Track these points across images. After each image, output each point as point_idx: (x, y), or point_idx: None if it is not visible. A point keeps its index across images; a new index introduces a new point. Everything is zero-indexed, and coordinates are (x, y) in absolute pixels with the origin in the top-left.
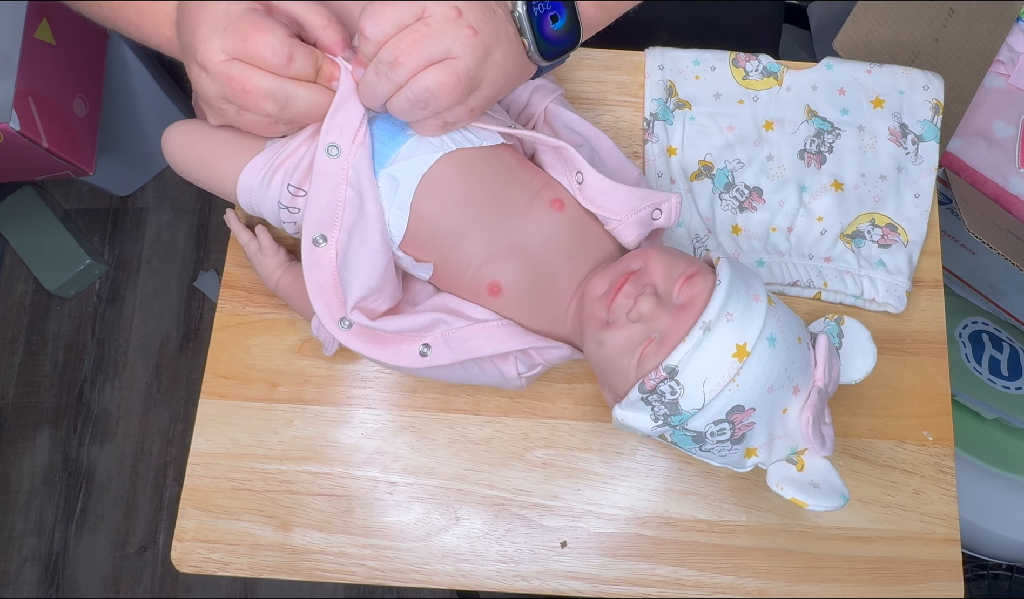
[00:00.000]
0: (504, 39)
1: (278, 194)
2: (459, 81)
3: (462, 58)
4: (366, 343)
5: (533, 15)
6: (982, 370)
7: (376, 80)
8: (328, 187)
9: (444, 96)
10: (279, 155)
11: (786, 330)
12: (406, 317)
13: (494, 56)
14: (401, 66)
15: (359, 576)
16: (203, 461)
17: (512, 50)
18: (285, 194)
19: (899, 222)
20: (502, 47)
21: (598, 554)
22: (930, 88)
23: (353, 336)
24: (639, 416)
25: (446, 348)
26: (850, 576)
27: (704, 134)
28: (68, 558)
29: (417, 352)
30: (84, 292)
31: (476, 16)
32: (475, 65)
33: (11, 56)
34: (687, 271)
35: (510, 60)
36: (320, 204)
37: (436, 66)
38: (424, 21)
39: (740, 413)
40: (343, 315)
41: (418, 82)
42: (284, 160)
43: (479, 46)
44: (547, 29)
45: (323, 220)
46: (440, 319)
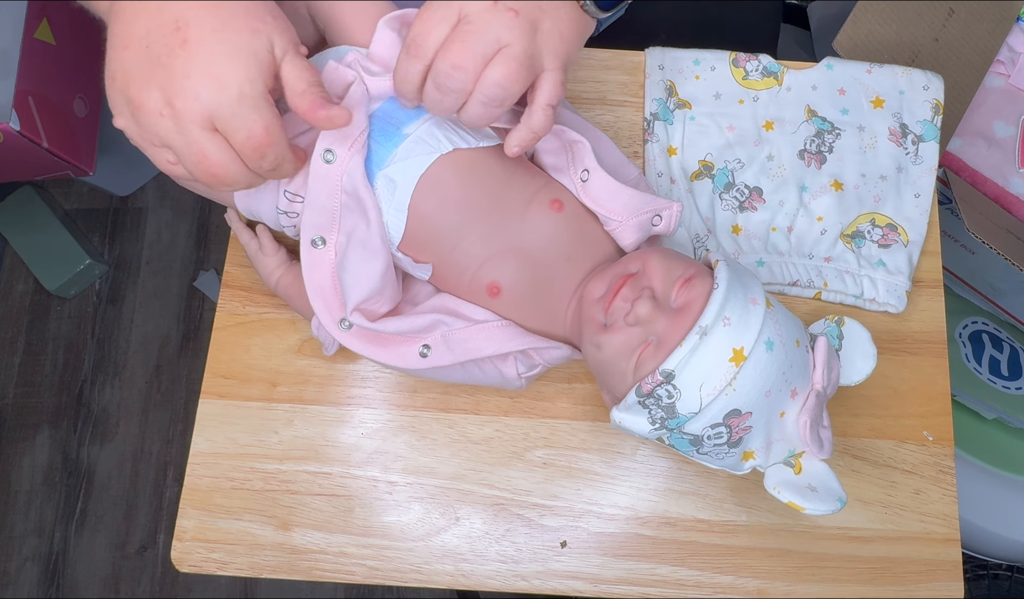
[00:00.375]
0: (547, 8)
1: (275, 200)
2: (520, 65)
3: (513, 41)
4: (366, 344)
5: None
6: (982, 370)
7: (440, 95)
8: (324, 191)
9: (513, 85)
10: None
11: (784, 334)
12: (406, 319)
13: (543, 27)
14: (461, 70)
15: (359, 576)
16: (203, 461)
17: (562, 17)
18: (283, 200)
19: (899, 222)
20: (548, 16)
21: (598, 554)
22: (930, 88)
23: (353, 337)
24: (636, 419)
25: (446, 349)
26: (850, 576)
27: (704, 134)
28: (68, 558)
29: (417, 353)
30: (84, 292)
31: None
32: (528, 43)
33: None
34: (685, 274)
35: (563, 24)
36: (317, 208)
37: (494, 61)
38: (465, 21)
39: (737, 417)
40: (343, 316)
41: (485, 83)
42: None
43: (524, 24)
44: None
45: (321, 223)
46: (440, 320)
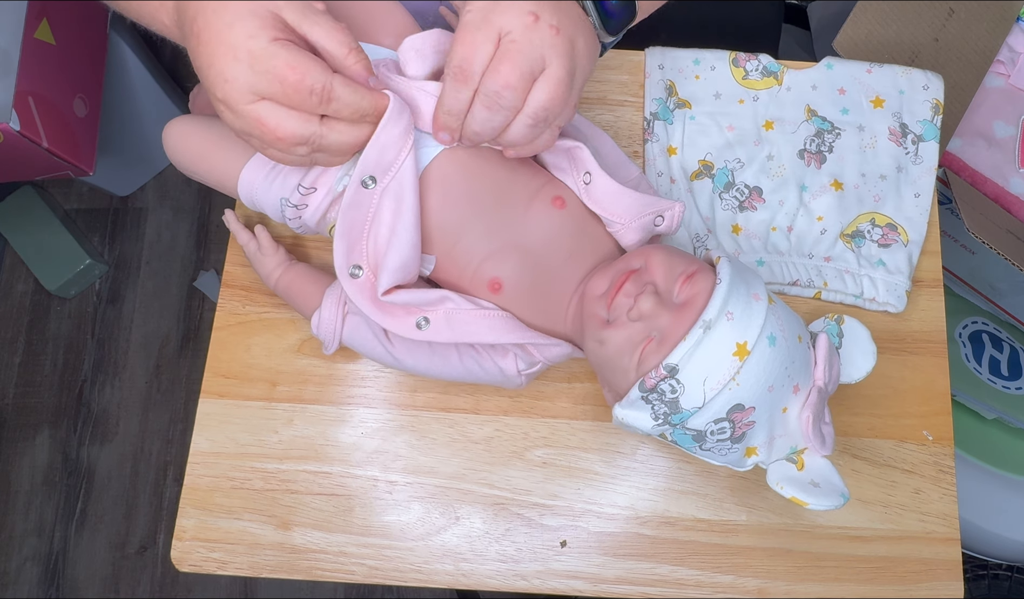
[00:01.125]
0: (580, 24)
1: (288, 193)
2: (565, 85)
3: (556, 60)
4: (367, 301)
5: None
6: (982, 370)
7: (489, 114)
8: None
9: (558, 106)
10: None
11: (786, 329)
12: (415, 291)
13: (578, 45)
14: (510, 89)
15: (359, 575)
16: (203, 460)
17: (588, 32)
18: (295, 194)
19: (899, 222)
20: (582, 33)
21: (598, 553)
22: (930, 88)
23: (357, 288)
24: (639, 415)
25: (446, 325)
26: (850, 575)
27: (704, 134)
28: (68, 558)
29: (414, 323)
30: (84, 292)
31: (551, 14)
32: (569, 62)
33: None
34: (688, 270)
35: (590, 42)
36: (380, 146)
37: (539, 82)
38: (508, 40)
39: (740, 412)
40: (359, 262)
41: (532, 105)
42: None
43: (565, 42)
44: (608, 5)
45: (381, 162)
46: (447, 296)
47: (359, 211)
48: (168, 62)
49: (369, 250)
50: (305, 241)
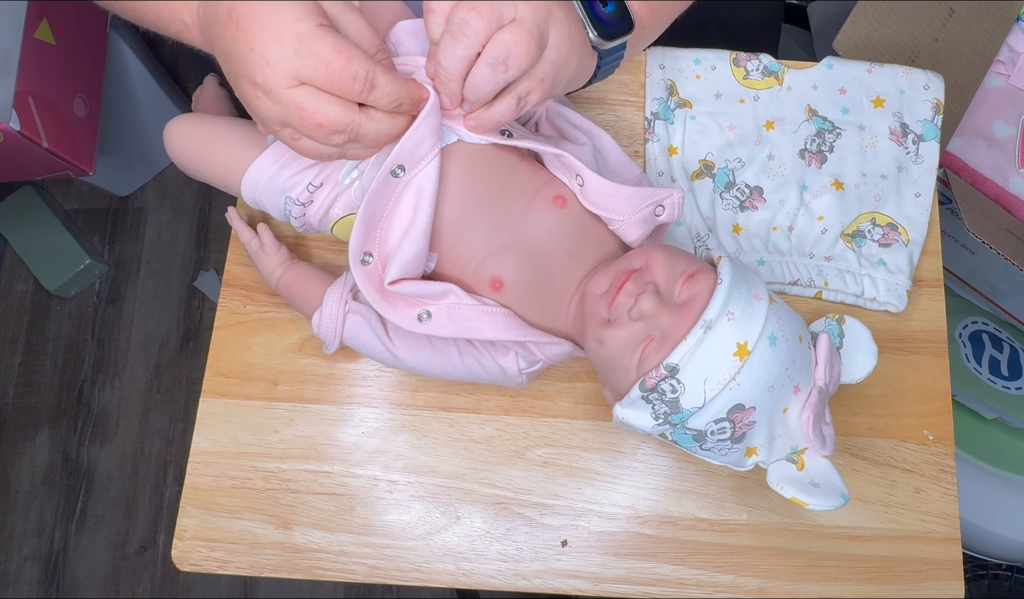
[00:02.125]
0: (563, 4)
1: (296, 192)
2: (531, 36)
3: (528, 15)
4: (373, 289)
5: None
6: (982, 370)
7: (453, 43)
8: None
9: (522, 54)
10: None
11: (787, 329)
12: (420, 283)
13: (556, 14)
14: (476, 20)
15: (359, 575)
16: (204, 459)
17: (571, 17)
18: (304, 193)
19: (900, 221)
20: (561, 9)
21: (599, 553)
22: (930, 88)
23: (366, 275)
24: (640, 414)
25: (448, 319)
26: (850, 575)
27: (705, 133)
28: (68, 558)
29: (416, 316)
30: (84, 292)
31: None
32: (541, 20)
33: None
34: (689, 270)
35: (572, 24)
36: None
37: (507, 27)
38: None
39: (741, 412)
40: (370, 250)
41: (495, 41)
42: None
43: (540, 5)
44: (599, 11)
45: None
46: (451, 290)
47: (381, 200)
48: (168, 62)
49: (380, 239)
50: (307, 241)
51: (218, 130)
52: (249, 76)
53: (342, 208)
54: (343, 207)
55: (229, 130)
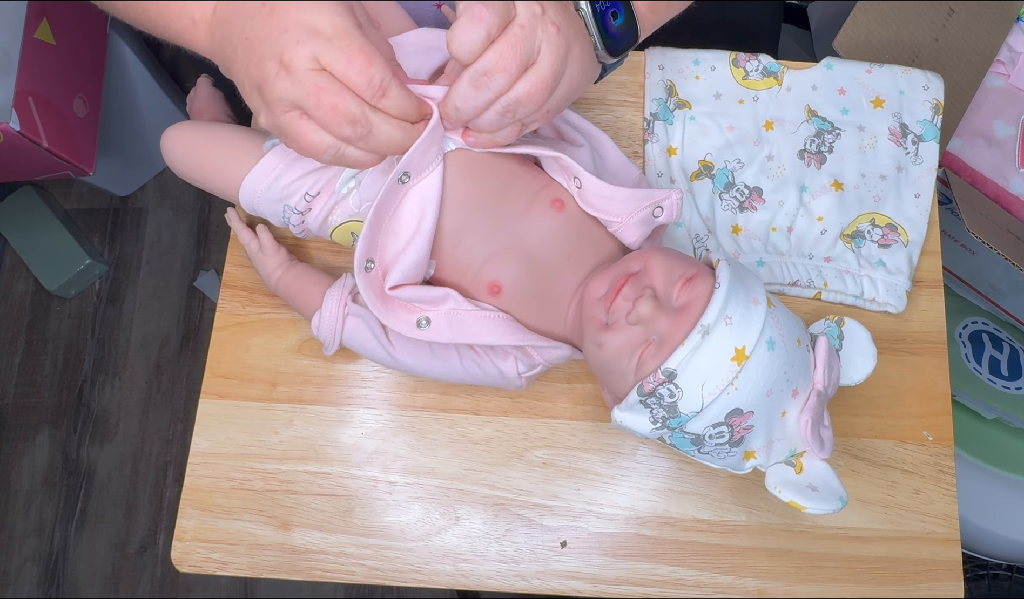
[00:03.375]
0: (580, 34)
1: (293, 201)
2: (547, 85)
3: (547, 58)
4: (375, 295)
5: (597, 12)
6: (982, 370)
7: (473, 92)
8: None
9: (533, 104)
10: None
11: (785, 333)
12: (419, 288)
13: (573, 51)
14: (502, 73)
15: (359, 576)
16: (203, 461)
17: (586, 47)
18: (301, 202)
19: (899, 222)
20: (579, 42)
21: (598, 554)
22: (930, 88)
23: (368, 282)
24: (638, 418)
25: (447, 325)
26: (850, 576)
27: (704, 134)
28: (68, 558)
29: (415, 322)
30: (84, 292)
31: (556, 12)
32: (559, 64)
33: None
34: (687, 273)
35: (586, 57)
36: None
37: (527, 74)
38: (518, 24)
39: (738, 416)
40: (371, 257)
41: (513, 90)
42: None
43: (562, 43)
44: (609, 25)
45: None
46: (450, 295)
47: (387, 207)
48: (168, 62)
49: (382, 245)
50: (306, 242)
51: (215, 138)
52: (278, 55)
53: (340, 216)
54: (341, 215)
55: (227, 138)
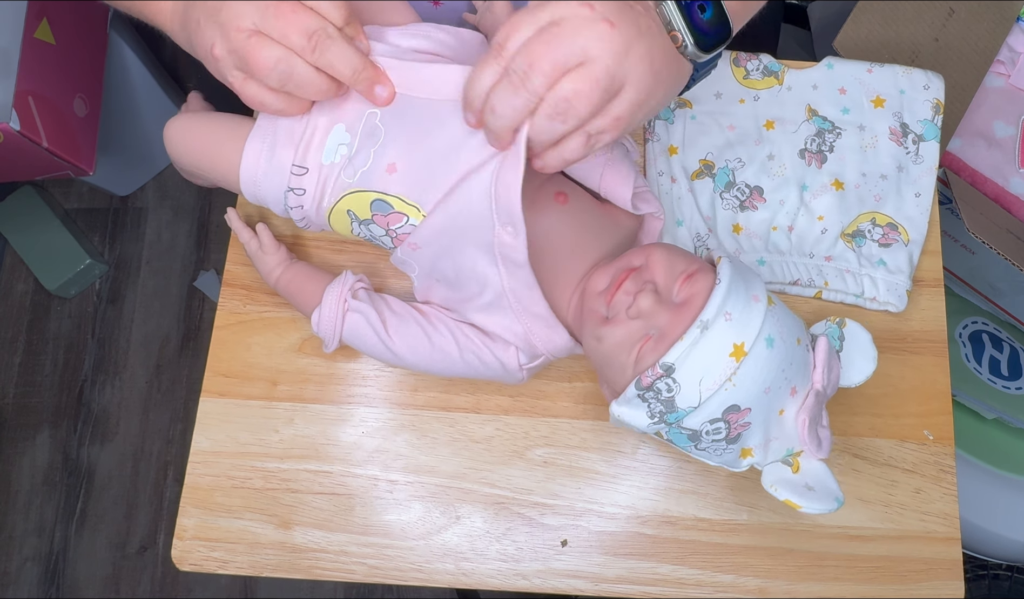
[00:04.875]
0: (646, 33)
1: (283, 180)
2: (597, 83)
3: (599, 57)
4: None
5: (682, 4)
6: (982, 370)
7: (512, 93)
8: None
9: (582, 104)
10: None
11: (785, 331)
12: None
13: (636, 50)
14: (536, 72)
15: (359, 574)
16: (204, 459)
17: (657, 46)
18: (292, 177)
19: (900, 221)
20: (644, 41)
21: (599, 553)
22: (931, 88)
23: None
24: (635, 413)
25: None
26: (850, 575)
27: (705, 133)
28: (68, 558)
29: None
30: (84, 292)
31: (610, 8)
32: (614, 62)
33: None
34: (688, 269)
35: (656, 56)
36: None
37: (572, 73)
38: (555, 23)
39: (736, 413)
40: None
41: (554, 94)
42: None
43: (617, 39)
44: (697, 19)
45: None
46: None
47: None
48: (168, 62)
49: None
50: (306, 240)
51: (217, 126)
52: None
53: (333, 195)
54: (335, 192)
55: (226, 124)
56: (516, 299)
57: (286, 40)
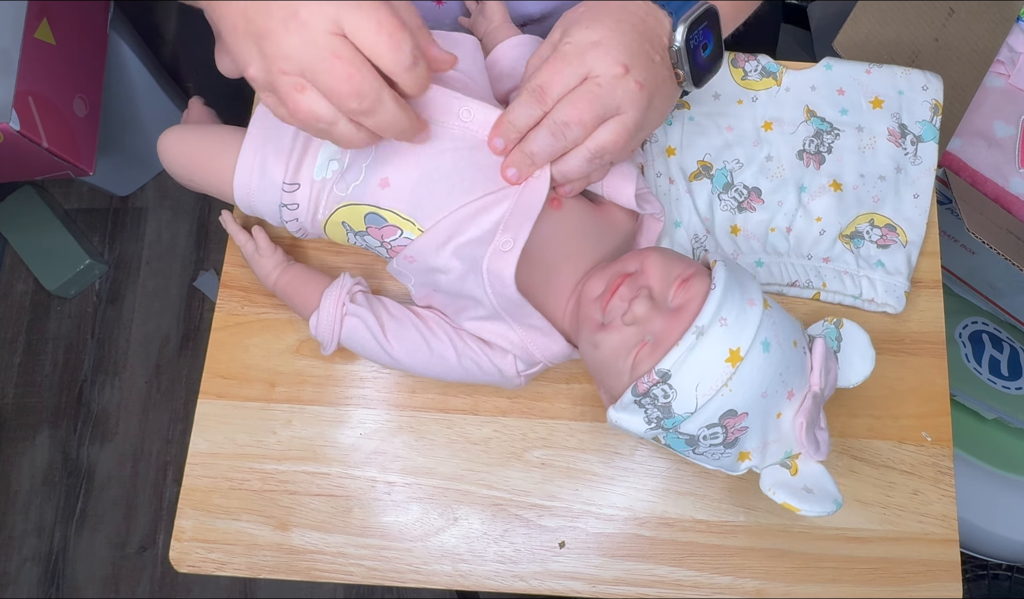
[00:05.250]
0: (663, 84)
1: (277, 196)
2: (630, 133)
3: (631, 111)
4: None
5: (691, 47)
6: (982, 370)
7: (551, 140)
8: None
9: (618, 150)
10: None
11: (781, 335)
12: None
13: (655, 103)
14: (580, 125)
15: (357, 576)
16: (201, 461)
17: (668, 91)
18: (284, 194)
19: (898, 222)
20: (661, 93)
21: (596, 554)
22: (929, 88)
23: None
24: (632, 418)
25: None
26: (849, 576)
27: (703, 134)
28: (68, 558)
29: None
30: (84, 292)
31: (640, 70)
32: (641, 116)
33: (11, 56)
34: (683, 274)
35: (666, 101)
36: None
37: (607, 123)
38: (594, 82)
39: (733, 418)
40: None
41: (595, 141)
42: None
43: (644, 99)
44: (700, 58)
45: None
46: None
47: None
48: (168, 62)
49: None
50: (303, 242)
51: (212, 138)
52: (291, 8)
53: (327, 208)
54: (328, 206)
55: (219, 137)
56: (511, 315)
57: (334, 97)
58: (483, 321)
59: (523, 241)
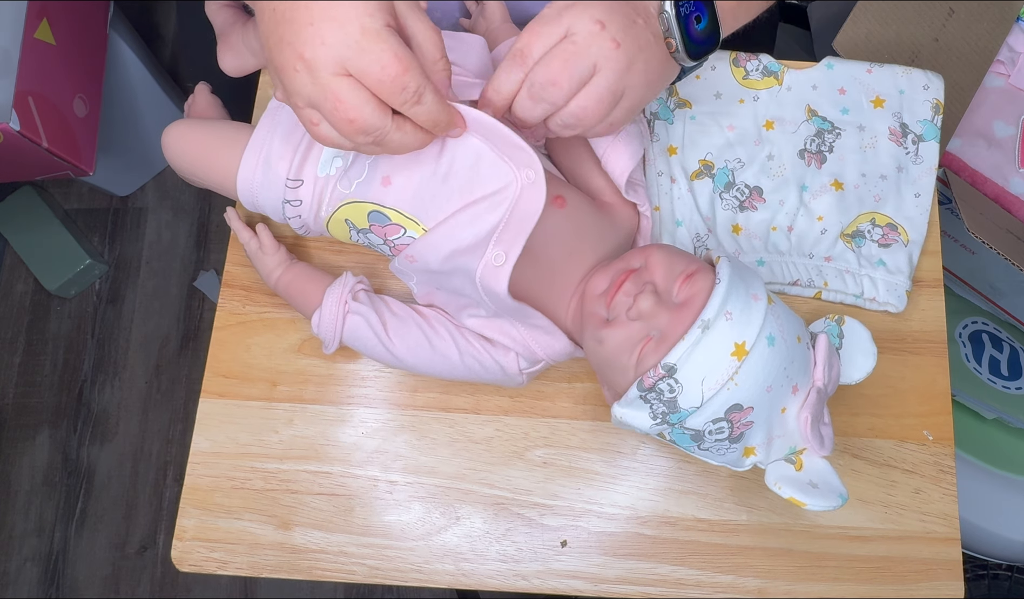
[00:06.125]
0: (645, 47)
1: (280, 192)
2: (603, 99)
3: (604, 73)
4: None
5: (681, 15)
6: (982, 370)
7: (531, 103)
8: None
9: (591, 117)
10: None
11: (785, 329)
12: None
13: (635, 66)
14: (555, 86)
15: (359, 575)
16: (203, 460)
17: (654, 57)
18: (288, 190)
19: (899, 221)
20: (643, 56)
21: (598, 553)
22: (930, 88)
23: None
24: (638, 414)
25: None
26: (850, 575)
27: (705, 133)
28: (68, 558)
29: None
30: (84, 292)
31: (618, 28)
32: (616, 79)
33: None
34: (687, 270)
35: (652, 67)
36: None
37: (584, 88)
38: (570, 40)
39: (738, 412)
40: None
41: (570, 108)
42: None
43: (621, 58)
44: (692, 30)
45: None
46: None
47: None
48: (168, 62)
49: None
50: (306, 241)
51: (215, 132)
52: (298, 49)
53: (331, 205)
54: (332, 203)
55: (223, 132)
56: (510, 316)
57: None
58: (485, 319)
59: (515, 257)
